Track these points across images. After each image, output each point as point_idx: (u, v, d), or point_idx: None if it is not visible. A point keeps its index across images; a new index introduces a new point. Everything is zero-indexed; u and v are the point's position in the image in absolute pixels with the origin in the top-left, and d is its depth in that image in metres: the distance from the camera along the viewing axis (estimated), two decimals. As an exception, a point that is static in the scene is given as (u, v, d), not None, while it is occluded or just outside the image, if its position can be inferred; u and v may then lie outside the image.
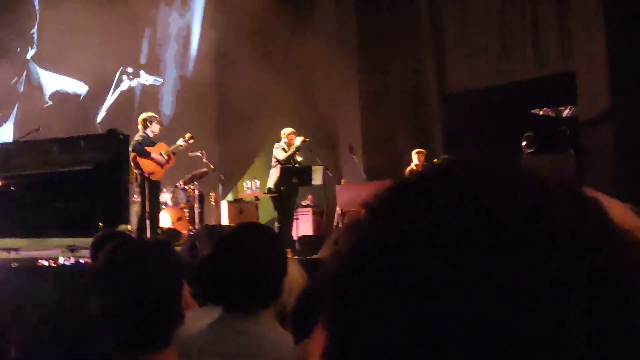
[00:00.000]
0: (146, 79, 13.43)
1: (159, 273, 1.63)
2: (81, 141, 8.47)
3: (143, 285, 1.60)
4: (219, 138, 13.77)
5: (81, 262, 6.40)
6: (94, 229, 7.57)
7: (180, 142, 8.95)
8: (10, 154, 8.33)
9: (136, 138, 8.70)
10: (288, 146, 9.11)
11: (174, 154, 8.95)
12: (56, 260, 6.84)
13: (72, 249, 6.89)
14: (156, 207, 8.84)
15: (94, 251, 3.17)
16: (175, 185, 9.90)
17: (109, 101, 13.00)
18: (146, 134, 8.79)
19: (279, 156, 9.01)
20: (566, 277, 0.50)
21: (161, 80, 13.47)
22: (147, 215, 8.48)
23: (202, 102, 13.37)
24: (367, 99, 12.40)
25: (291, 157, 9.05)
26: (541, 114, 11.19)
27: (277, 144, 9.17)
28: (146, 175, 8.61)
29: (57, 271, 6.12)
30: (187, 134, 9.01)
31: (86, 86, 12.65)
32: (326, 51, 13.05)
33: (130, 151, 8.51)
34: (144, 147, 8.66)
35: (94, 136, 8.95)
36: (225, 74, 13.83)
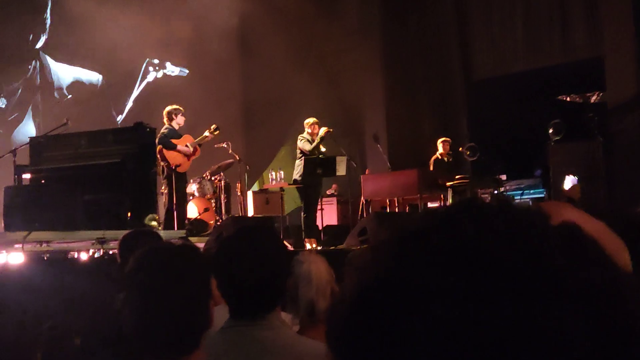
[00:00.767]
0: (172, 70, 13.50)
1: (187, 278, 1.66)
2: (109, 134, 8.58)
3: (172, 290, 1.63)
4: (244, 129, 13.82)
5: (111, 254, 6.49)
6: (122, 221, 7.69)
7: (206, 133, 9.00)
8: (41, 148, 8.45)
9: (162, 131, 8.77)
10: (311, 136, 9.11)
11: (199, 145, 9.01)
12: (87, 252, 6.95)
13: (102, 242, 6.99)
14: (183, 198, 8.92)
15: (123, 248, 3.22)
16: (202, 176, 9.96)
17: (135, 93, 13.11)
18: (172, 127, 8.86)
19: (305, 148, 9.02)
20: (569, 323, 0.51)
21: (187, 71, 13.53)
22: (174, 206, 8.56)
23: (228, 93, 13.42)
24: (392, 88, 12.35)
25: (316, 147, 9.06)
26: (568, 100, 11.04)
27: (301, 135, 9.18)
28: (173, 167, 8.68)
29: (87, 264, 6.23)
30: (212, 126, 9.06)
31: (100, 76, 12.71)
32: (350, 40, 13.01)
33: (157, 144, 8.58)
34: (170, 140, 8.74)
35: (121, 129, 9.05)
36: (250, 64, 13.85)
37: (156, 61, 13.34)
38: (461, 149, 10.67)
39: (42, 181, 8.20)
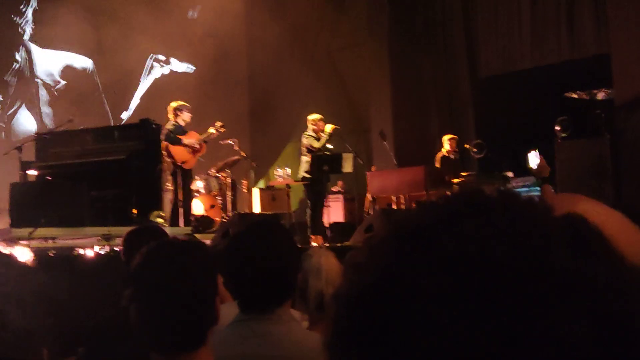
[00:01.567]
0: (178, 66, 13.50)
1: (194, 274, 1.65)
2: (115, 131, 8.58)
3: (178, 286, 1.62)
4: (250, 125, 13.83)
5: (116, 250, 6.49)
6: (128, 218, 7.70)
7: (211, 130, 8.99)
8: (46, 144, 8.46)
9: (168, 127, 8.77)
10: (316, 133, 9.09)
11: (205, 142, 9.01)
12: (92, 248, 6.95)
13: (108, 238, 6.99)
14: (188, 195, 8.92)
15: (127, 245, 3.21)
16: (208, 173, 9.97)
17: (141, 89, 13.12)
18: (177, 123, 8.85)
19: (313, 145, 8.98)
20: (572, 324, 0.49)
21: (194, 68, 13.53)
22: (179, 203, 8.56)
23: (234, 89, 13.43)
24: (398, 85, 12.32)
25: (323, 145, 9.05)
26: (575, 97, 10.99)
27: (306, 132, 9.15)
28: (178, 163, 8.68)
29: (94, 259, 6.23)
30: (218, 122, 9.05)
31: (90, 60, 12.63)
32: (357, 36, 12.99)
33: (162, 140, 8.58)
34: (176, 136, 8.73)
35: (127, 126, 9.07)
36: (256, 60, 13.86)
37: (162, 57, 13.33)
38: (468, 145, 10.64)
39: (48, 177, 8.21)
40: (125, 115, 12.79)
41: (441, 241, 0.52)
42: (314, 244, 8.52)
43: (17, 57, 12.16)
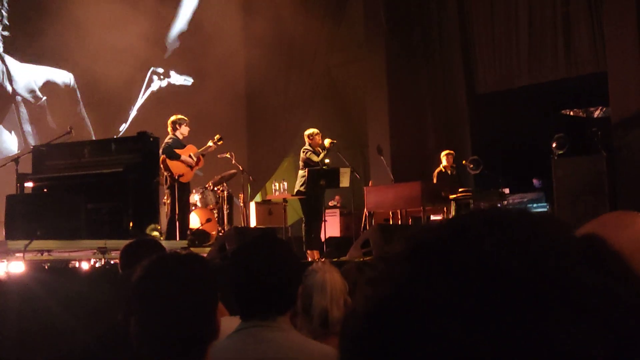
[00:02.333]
0: (176, 79, 13.53)
1: (194, 287, 1.65)
2: (112, 143, 8.57)
3: (179, 299, 1.62)
4: (247, 140, 13.84)
5: (112, 263, 6.47)
6: (124, 231, 7.67)
7: (209, 143, 9.00)
8: (43, 156, 8.44)
9: (166, 140, 8.77)
10: (313, 147, 9.11)
11: (203, 155, 9.01)
12: (88, 261, 6.92)
13: (103, 251, 6.96)
14: (186, 208, 8.90)
15: (125, 258, 3.19)
16: (205, 186, 9.96)
17: (139, 101, 13.12)
18: (176, 136, 8.85)
19: (312, 159, 8.99)
20: (590, 343, 0.49)
21: (191, 80, 13.56)
22: (176, 216, 8.54)
23: (232, 103, 13.44)
24: (396, 100, 12.36)
25: (321, 159, 9.06)
26: (572, 114, 11.05)
27: (305, 147, 9.17)
28: (176, 177, 8.67)
29: (89, 273, 6.19)
30: (216, 136, 9.06)
31: (70, 74, 12.41)
32: (355, 53, 13.05)
33: (160, 153, 8.57)
34: (174, 150, 8.73)
35: (124, 139, 9.04)
36: (254, 74, 13.89)
37: (160, 70, 13.35)
38: (464, 162, 10.66)
39: (45, 190, 8.19)
40: (123, 127, 12.78)
41: (459, 257, 0.52)
42: (310, 258, 8.50)
43: None
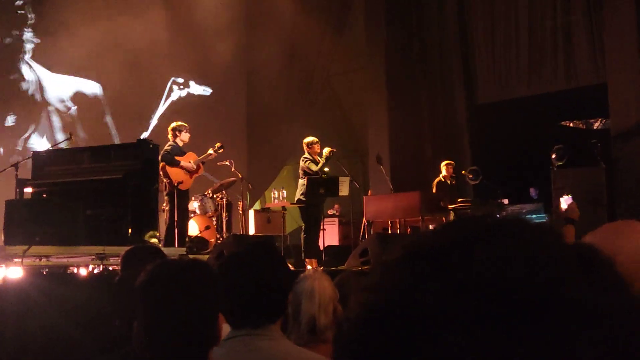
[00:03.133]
0: (195, 89, 13.63)
1: (198, 293, 1.66)
2: (112, 150, 8.58)
3: (182, 305, 1.63)
4: (247, 147, 13.85)
5: (111, 269, 6.46)
6: (123, 237, 7.67)
7: (210, 151, 9.00)
8: (43, 162, 8.44)
9: (166, 147, 8.77)
10: (312, 155, 9.12)
11: (203, 163, 9.01)
12: (86, 267, 6.92)
13: (102, 257, 6.96)
14: (184, 215, 8.90)
15: (125, 263, 3.20)
16: (204, 193, 9.96)
17: (160, 110, 13.22)
18: (176, 144, 8.86)
19: (311, 169, 9.00)
20: (582, 351, 0.49)
21: (210, 91, 13.63)
22: (175, 223, 8.54)
23: (232, 112, 13.47)
24: (395, 110, 12.38)
25: (321, 168, 9.06)
26: (571, 126, 11.06)
27: (304, 156, 9.18)
28: (175, 184, 8.67)
29: (87, 279, 6.19)
30: (217, 144, 9.06)
31: (98, 85, 12.68)
32: (355, 62, 13.08)
33: (160, 160, 8.58)
34: (174, 157, 8.73)
35: (124, 145, 9.04)
36: (255, 83, 13.92)
37: (180, 80, 13.48)
38: (464, 172, 10.67)
39: (44, 195, 8.19)
40: (145, 136, 12.92)
41: (454, 265, 0.52)
42: (309, 266, 8.49)
43: (24, 83, 12.27)
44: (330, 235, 10.63)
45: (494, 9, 12.10)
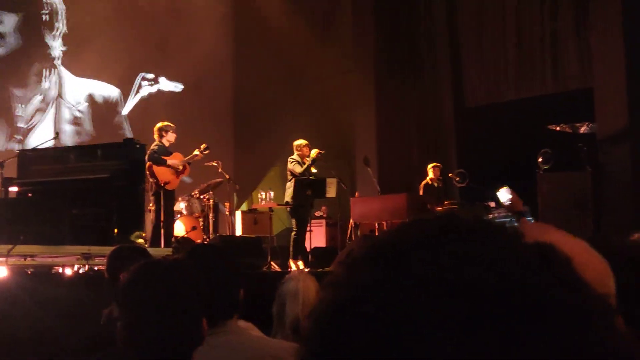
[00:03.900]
0: (166, 85, 13.52)
1: (182, 293, 1.66)
2: (98, 150, 8.53)
3: (166, 305, 1.62)
4: (234, 148, 13.83)
5: (96, 269, 6.42)
6: (109, 237, 7.62)
7: (196, 152, 8.98)
8: (29, 161, 8.39)
9: (152, 147, 8.74)
10: (301, 158, 9.12)
11: (189, 163, 8.98)
12: (71, 267, 6.87)
13: (87, 257, 6.91)
14: (171, 216, 8.87)
15: (111, 263, 3.19)
16: (191, 194, 9.93)
17: (128, 106, 13.13)
18: (162, 144, 8.83)
19: (295, 170, 9.00)
20: (542, 348, 0.49)
21: (182, 87, 13.55)
22: (161, 224, 8.51)
23: (219, 112, 13.44)
24: (383, 112, 12.40)
25: (307, 169, 9.06)
26: (558, 130, 11.11)
27: (291, 157, 9.18)
28: (161, 184, 8.64)
29: (72, 278, 6.15)
30: (202, 145, 9.04)
31: (118, 89, 12.84)
32: (343, 64, 13.08)
33: (146, 160, 8.54)
34: (160, 157, 8.70)
35: (110, 145, 9.00)
36: (242, 84, 13.90)
37: (150, 76, 13.37)
38: (450, 174, 10.70)
39: (29, 194, 8.13)
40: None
41: (415, 264, 0.53)
42: (294, 267, 8.49)
43: (46, 81, 12.34)
44: (317, 237, 10.63)
45: (482, 13, 12.15)
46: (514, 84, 11.80)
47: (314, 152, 9.07)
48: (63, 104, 12.48)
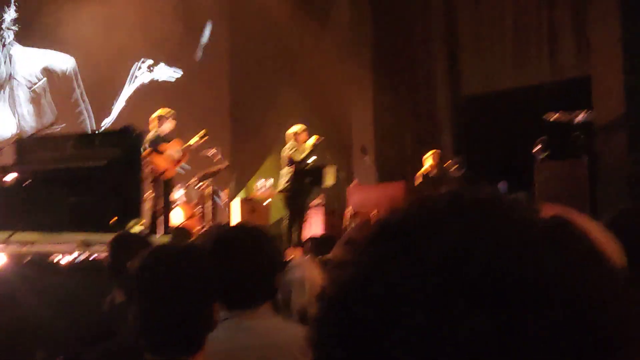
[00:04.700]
0: (165, 71, 13.46)
1: (193, 279, 1.65)
2: (96, 137, 8.52)
3: (178, 290, 1.62)
4: (231, 137, 13.79)
5: (94, 257, 6.42)
6: (107, 225, 7.61)
7: (194, 139, 8.96)
8: (26, 148, 8.36)
9: (150, 135, 8.72)
10: (298, 144, 9.09)
11: (188, 151, 8.97)
12: (70, 254, 6.86)
13: (86, 244, 6.91)
14: (168, 204, 8.87)
15: (113, 251, 3.18)
16: (188, 182, 9.91)
17: (126, 92, 13.02)
18: (161, 131, 8.80)
19: (295, 158, 8.98)
20: (552, 332, 0.48)
21: (181, 72, 13.47)
22: (159, 212, 8.50)
23: (215, 99, 13.39)
24: (380, 101, 12.39)
25: (307, 157, 9.06)
26: (555, 118, 11.12)
27: (289, 144, 9.16)
28: (159, 172, 8.62)
29: (71, 266, 6.15)
30: (201, 132, 9.02)
31: (72, 59, 12.34)
32: (340, 51, 13.05)
33: (144, 148, 8.52)
34: (158, 144, 8.68)
35: (108, 132, 9.00)
36: (239, 72, 13.85)
37: (150, 62, 13.27)
38: (448, 163, 10.70)
39: (27, 182, 8.10)
40: (108, 120, 12.67)
41: (423, 243, 0.52)
42: (292, 256, 8.49)
43: None
44: (314, 225, 10.62)
45: (480, 1, 12.12)
46: (510, 72, 11.80)
47: (312, 139, 9.05)
48: (17, 84, 11.99)
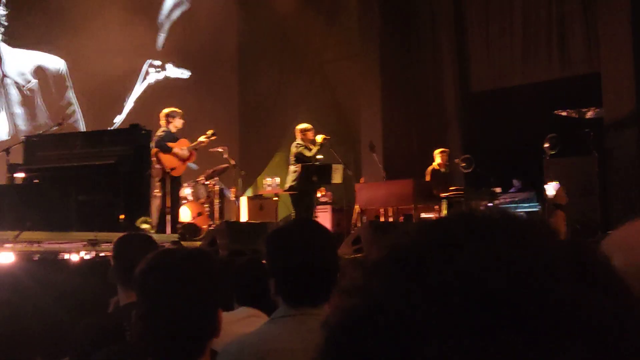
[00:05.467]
0: (173, 71, 13.49)
1: (198, 283, 1.64)
2: (105, 136, 8.54)
3: (182, 294, 1.61)
4: (240, 134, 13.81)
5: (102, 256, 6.44)
6: (115, 223, 7.64)
7: (202, 138, 8.97)
8: (35, 147, 8.39)
9: (158, 133, 8.74)
10: (305, 142, 9.09)
11: (195, 150, 8.98)
12: (78, 253, 6.88)
13: (94, 243, 6.92)
14: (176, 202, 8.88)
15: (119, 251, 3.17)
16: (196, 180, 9.93)
17: (136, 93, 13.07)
18: (169, 129, 8.82)
19: (305, 154, 8.96)
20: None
21: (189, 73, 13.50)
22: (167, 210, 8.52)
23: (224, 98, 13.40)
24: (389, 97, 12.35)
25: (315, 155, 9.05)
26: (565, 115, 11.07)
27: (297, 142, 9.15)
28: (167, 170, 8.64)
29: (79, 264, 6.17)
30: (209, 131, 9.02)
31: (62, 61, 12.29)
32: (349, 49, 13.03)
33: (153, 146, 8.54)
34: (166, 143, 8.70)
35: (117, 131, 9.02)
36: (247, 69, 13.86)
37: (157, 62, 13.30)
38: (457, 160, 10.66)
39: (36, 180, 8.14)
40: (119, 119, 12.71)
41: (437, 269, 0.50)
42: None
43: None
44: (322, 223, 10.61)
45: (489, -4, 12.08)
46: (519, 68, 11.74)
47: (320, 138, 9.04)
48: (10, 84, 11.93)
